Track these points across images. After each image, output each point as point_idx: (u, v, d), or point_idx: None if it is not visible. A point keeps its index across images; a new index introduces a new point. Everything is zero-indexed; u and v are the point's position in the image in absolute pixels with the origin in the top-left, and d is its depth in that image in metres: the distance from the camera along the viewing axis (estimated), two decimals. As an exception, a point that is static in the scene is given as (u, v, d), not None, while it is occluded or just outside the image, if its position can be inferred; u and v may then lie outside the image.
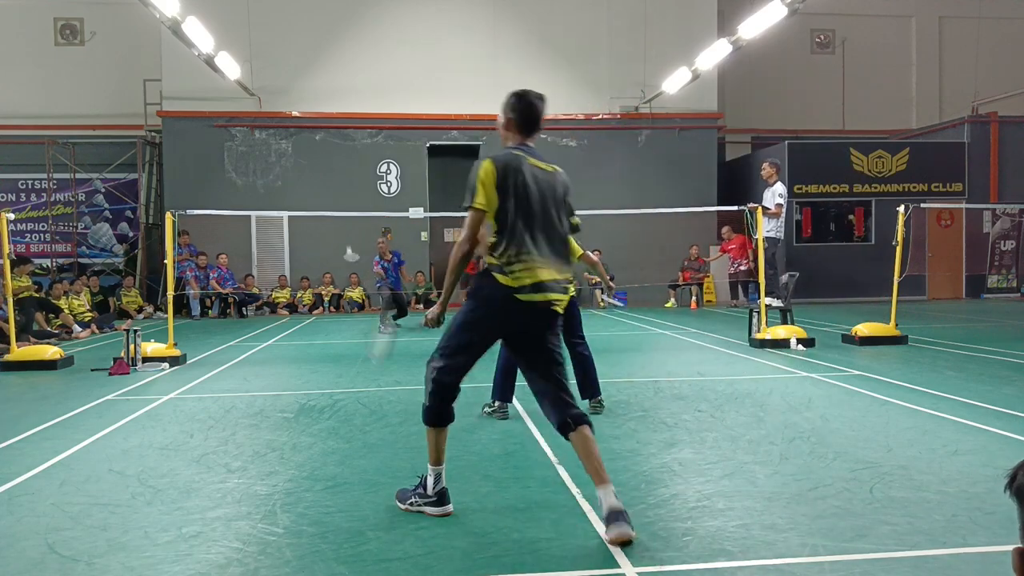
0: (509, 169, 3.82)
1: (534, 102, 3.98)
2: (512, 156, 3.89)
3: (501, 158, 3.87)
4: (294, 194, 18.80)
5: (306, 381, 8.34)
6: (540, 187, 3.90)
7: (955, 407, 6.34)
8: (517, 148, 3.96)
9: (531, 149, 3.99)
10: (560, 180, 4.03)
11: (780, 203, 10.81)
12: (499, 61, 19.50)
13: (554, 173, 4.02)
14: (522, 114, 3.99)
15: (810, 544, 3.44)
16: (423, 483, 3.99)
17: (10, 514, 4.03)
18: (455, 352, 3.86)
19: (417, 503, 3.98)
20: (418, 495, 3.99)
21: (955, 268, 20.60)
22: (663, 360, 9.58)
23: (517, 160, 3.87)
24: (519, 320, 3.82)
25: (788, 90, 22.78)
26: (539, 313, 3.81)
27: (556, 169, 4.05)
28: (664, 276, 19.26)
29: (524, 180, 3.84)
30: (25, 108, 20.16)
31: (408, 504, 4.00)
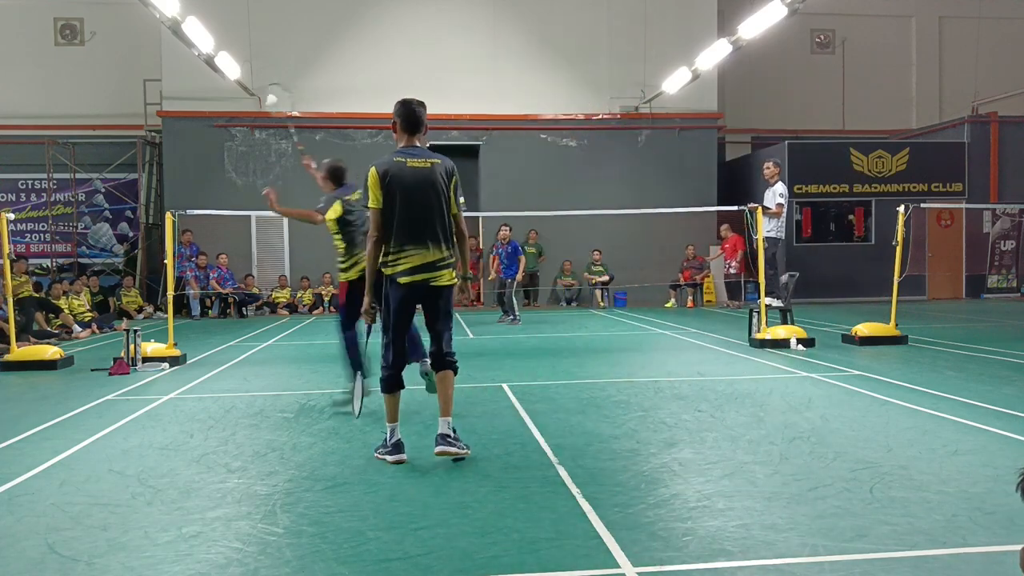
0: (389, 173, 4.79)
1: (415, 108, 4.93)
2: (392, 162, 4.83)
3: (382, 164, 4.84)
4: (294, 194, 18.75)
5: (306, 381, 8.35)
6: (418, 183, 4.81)
7: (955, 407, 6.34)
8: (399, 153, 4.89)
9: (413, 150, 4.90)
10: (439, 171, 4.89)
11: (781, 203, 10.81)
12: (499, 61, 19.50)
13: (431, 167, 4.88)
14: (405, 119, 4.92)
15: (810, 544, 3.44)
16: (385, 439, 5.01)
17: (10, 514, 4.03)
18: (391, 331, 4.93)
19: (381, 453, 4.97)
20: (382, 446, 5.00)
21: (955, 268, 20.60)
22: (663, 360, 9.58)
23: (396, 165, 4.81)
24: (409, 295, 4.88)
25: (788, 90, 22.77)
26: (418, 289, 4.87)
27: (434, 163, 4.89)
28: (664, 276, 19.26)
29: (403, 181, 4.78)
30: (25, 108, 20.15)
31: (377, 455, 4.99)
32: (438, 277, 4.89)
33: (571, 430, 5.74)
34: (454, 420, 5.12)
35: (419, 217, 4.82)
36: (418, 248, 4.82)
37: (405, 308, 4.94)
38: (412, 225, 4.81)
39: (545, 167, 19.58)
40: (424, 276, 4.85)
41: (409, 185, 4.80)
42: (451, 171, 4.97)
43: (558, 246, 19.54)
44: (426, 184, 4.84)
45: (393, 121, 4.99)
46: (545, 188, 19.13)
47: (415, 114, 4.93)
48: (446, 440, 4.89)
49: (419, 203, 4.81)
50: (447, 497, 4.19)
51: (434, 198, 4.85)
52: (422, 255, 4.83)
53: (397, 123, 4.96)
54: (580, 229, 19.09)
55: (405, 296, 4.88)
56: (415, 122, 4.93)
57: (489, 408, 6.62)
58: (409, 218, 4.80)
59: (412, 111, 4.92)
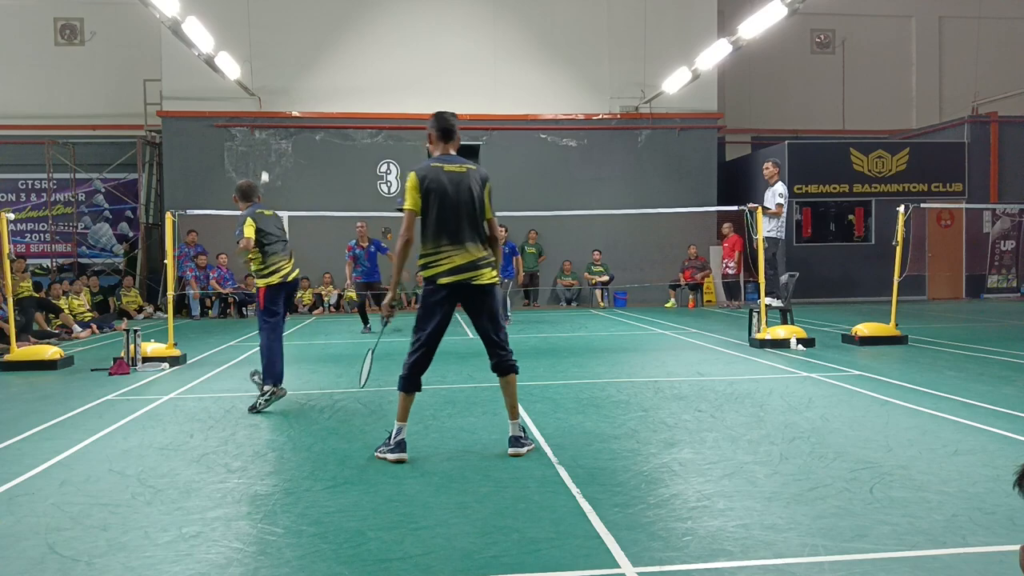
0: (428, 178, 5.00)
1: (448, 118, 5.28)
2: (430, 167, 5.05)
3: (422, 169, 5.05)
4: (294, 194, 18.78)
5: (306, 381, 8.34)
6: (456, 187, 5.03)
7: (955, 407, 6.34)
8: (437, 159, 5.13)
9: (449, 157, 5.17)
10: (473, 176, 5.13)
11: (780, 203, 10.81)
12: (499, 61, 19.51)
13: (466, 172, 5.12)
14: (440, 129, 5.22)
15: (810, 544, 3.44)
16: (388, 437, 5.05)
17: (10, 514, 4.03)
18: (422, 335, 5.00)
19: (382, 452, 5.01)
20: (384, 444, 5.05)
21: (955, 268, 20.60)
22: (663, 360, 9.58)
23: (434, 170, 5.04)
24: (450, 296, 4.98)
25: (788, 90, 22.77)
26: (460, 290, 4.98)
27: (469, 168, 5.15)
28: (664, 276, 19.26)
29: (442, 184, 5.00)
30: (25, 108, 20.15)
31: (377, 454, 5.03)
32: (479, 276, 5.02)
33: (571, 430, 5.74)
34: (456, 419, 5.13)
35: (455, 218, 5.00)
36: (457, 248, 4.98)
37: (443, 310, 4.99)
38: (449, 226, 4.98)
39: (545, 167, 19.58)
40: (466, 276, 4.98)
41: (446, 189, 5.00)
42: (485, 178, 5.24)
43: (558, 246, 19.54)
44: (462, 188, 5.05)
45: (428, 133, 5.28)
46: (545, 188, 19.14)
47: (449, 124, 5.26)
48: (518, 442, 5.07)
49: (455, 206, 5.00)
50: (447, 497, 4.19)
51: (469, 201, 5.05)
52: (462, 255, 4.99)
53: (432, 134, 5.25)
54: (580, 229, 19.09)
55: (445, 297, 4.97)
56: (449, 131, 5.25)
57: (489, 408, 6.61)
58: (446, 219, 4.98)
59: (446, 121, 5.25)
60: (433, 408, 6.62)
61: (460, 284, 4.96)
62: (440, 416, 6.31)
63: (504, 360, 5.09)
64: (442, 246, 4.97)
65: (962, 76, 22.14)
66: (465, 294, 5.01)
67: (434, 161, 5.13)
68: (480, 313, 5.08)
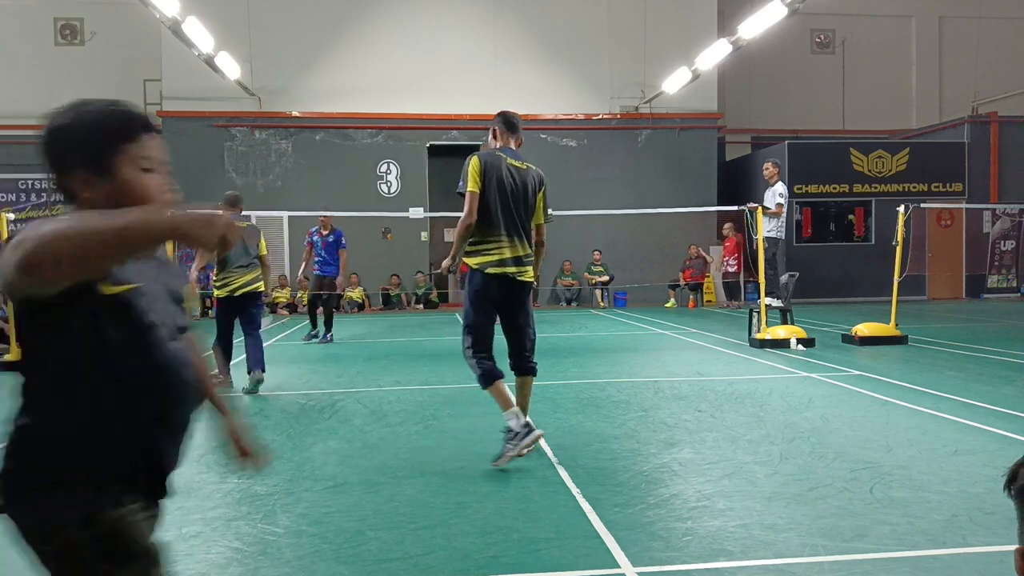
0: (490, 164, 4.97)
1: (513, 115, 5.34)
2: (493, 155, 5.04)
3: (484, 156, 5.02)
4: (294, 194, 18.79)
5: (306, 381, 8.34)
6: (514, 181, 5.00)
7: (955, 407, 6.33)
8: (500, 150, 5.12)
9: (511, 151, 5.16)
10: (532, 175, 5.15)
11: (780, 203, 10.81)
12: (499, 61, 19.50)
13: (527, 169, 5.14)
14: (505, 123, 5.25)
15: (810, 544, 3.44)
16: (509, 430, 4.77)
17: (10, 514, 4.03)
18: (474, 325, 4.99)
19: (513, 448, 4.71)
20: (511, 442, 4.74)
21: (955, 268, 20.59)
22: (663, 360, 9.58)
23: (497, 159, 5.02)
24: (495, 287, 4.93)
25: (788, 90, 22.76)
26: (505, 282, 4.93)
27: (529, 167, 5.16)
28: (664, 276, 19.26)
29: (501, 174, 4.97)
30: (25, 108, 20.12)
31: (509, 455, 4.72)
32: (524, 272, 5.01)
33: (571, 430, 5.74)
34: (456, 419, 5.13)
35: (511, 211, 4.98)
36: (510, 240, 4.95)
37: (489, 301, 4.97)
38: (503, 217, 4.95)
39: (545, 167, 19.12)
40: (513, 269, 4.95)
41: (505, 180, 4.98)
42: (543, 180, 5.22)
43: (558, 246, 19.50)
44: (520, 183, 5.05)
45: (492, 129, 5.28)
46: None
47: (514, 119, 5.30)
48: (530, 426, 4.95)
49: (512, 199, 4.98)
50: (447, 497, 4.19)
51: (525, 198, 5.06)
52: (512, 247, 4.95)
53: (497, 128, 5.25)
54: (580, 229, 19.08)
55: (491, 288, 4.93)
56: (513, 125, 5.26)
57: (489, 408, 6.59)
58: (501, 210, 4.94)
59: (511, 116, 5.31)
60: (433, 408, 6.63)
61: (506, 277, 4.92)
62: (440, 416, 6.31)
63: (527, 361, 5.08)
64: (496, 236, 4.92)
65: (962, 76, 22.14)
66: (507, 288, 4.96)
67: (499, 151, 5.11)
68: (517, 311, 5.04)
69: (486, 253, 4.92)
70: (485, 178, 4.92)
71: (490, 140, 5.28)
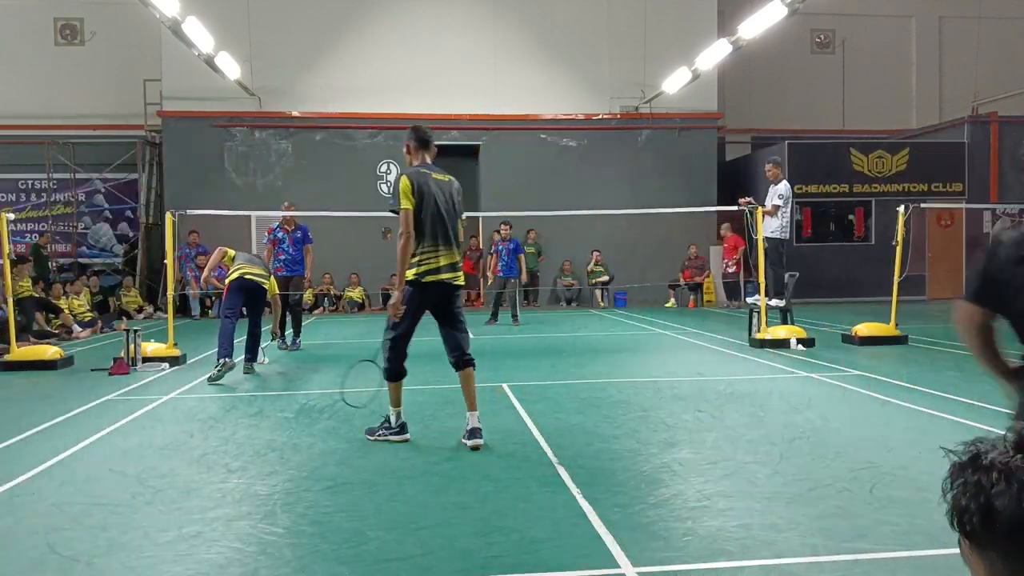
0: (419, 182, 5.36)
1: (426, 130, 5.70)
2: (419, 173, 5.45)
3: (412, 174, 5.42)
4: (294, 194, 18.75)
5: (306, 381, 8.35)
6: (442, 194, 5.45)
7: (955, 407, 6.34)
8: (423, 166, 5.52)
9: (431, 166, 5.57)
10: (454, 186, 5.62)
11: (777, 203, 10.79)
12: (499, 61, 19.49)
13: (449, 181, 5.60)
14: (418, 140, 5.60)
15: (810, 544, 3.44)
16: (387, 420, 5.51)
17: (10, 514, 4.03)
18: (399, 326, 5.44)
19: (384, 434, 5.46)
20: (384, 428, 5.49)
21: (955, 268, 20.58)
22: (663, 360, 9.58)
23: (423, 176, 5.43)
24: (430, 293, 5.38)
25: (788, 90, 22.75)
26: (441, 288, 5.40)
27: (451, 179, 5.63)
28: (664, 276, 19.25)
29: (431, 190, 5.38)
30: (25, 108, 20.14)
31: (376, 436, 5.48)
32: (457, 277, 5.52)
33: (571, 430, 5.74)
34: (456, 419, 5.15)
35: (442, 223, 5.42)
36: (444, 249, 5.42)
37: (421, 309, 5.44)
38: (436, 229, 5.38)
39: (545, 167, 19.57)
40: (448, 276, 5.43)
41: (435, 194, 5.42)
42: (460, 189, 5.73)
43: (558, 246, 19.54)
44: (448, 196, 5.53)
45: (406, 143, 5.64)
46: (545, 188, 19.12)
47: (426, 134, 5.67)
48: (478, 434, 5.34)
49: (444, 211, 5.44)
50: (447, 497, 4.19)
51: (453, 208, 5.55)
52: (447, 256, 5.44)
53: (411, 144, 5.61)
54: (580, 229, 19.08)
55: (427, 296, 5.38)
56: (427, 141, 5.64)
57: (489, 408, 6.61)
58: (434, 223, 5.37)
59: (425, 133, 5.67)
60: (433, 408, 6.63)
61: (441, 283, 5.39)
62: (440, 416, 6.31)
63: (464, 356, 5.48)
64: (428, 247, 5.35)
65: (962, 76, 22.11)
66: (441, 293, 5.42)
67: (422, 167, 5.53)
68: (451, 313, 5.50)
69: (422, 264, 5.34)
70: (417, 195, 5.32)
71: (406, 156, 5.67)
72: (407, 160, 5.67)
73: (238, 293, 8.78)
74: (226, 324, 8.48)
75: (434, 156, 5.69)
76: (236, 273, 8.80)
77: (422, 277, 5.35)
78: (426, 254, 5.36)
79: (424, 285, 5.35)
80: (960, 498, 1.08)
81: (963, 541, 1.09)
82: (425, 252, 5.36)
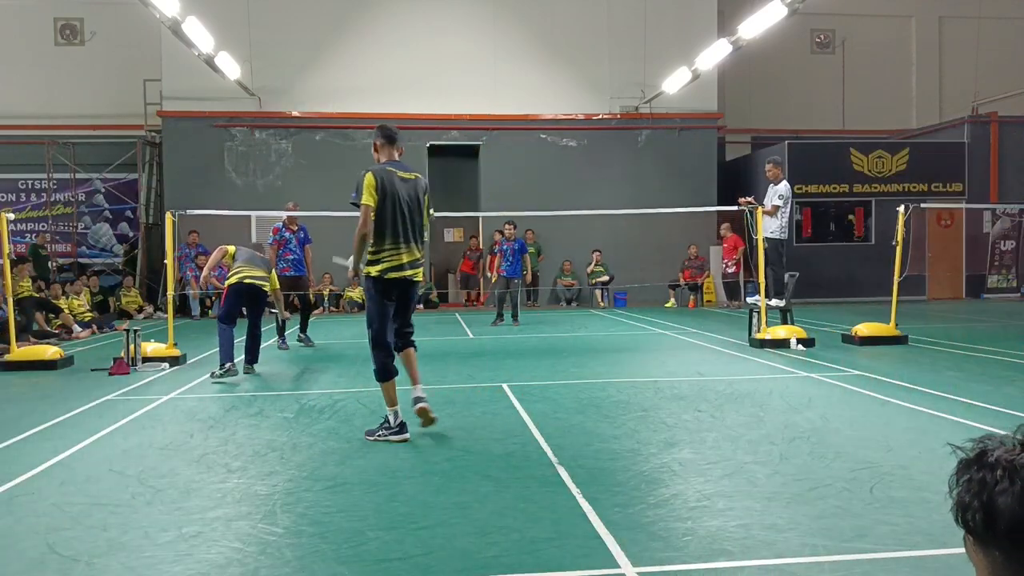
0: (384, 179, 5.53)
1: (392, 128, 5.90)
2: (384, 170, 5.59)
3: (377, 171, 5.57)
4: (294, 194, 18.74)
5: (306, 381, 8.35)
6: (407, 193, 5.62)
7: (955, 407, 6.33)
8: (388, 164, 5.68)
9: (398, 164, 5.74)
10: (420, 184, 5.76)
11: (776, 203, 10.79)
12: (499, 61, 19.49)
13: (415, 179, 5.73)
14: (385, 137, 5.79)
15: (810, 544, 3.44)
16: (386, 420, 5.55)
17: (10, 514, 4.03)
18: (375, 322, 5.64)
19: (383, 435, 5.49)
20: (384, 429, 5.52)
21: (955, 268, 20.58)
22: (663, 360, 9.58)
23: (388, 174, 5.58)
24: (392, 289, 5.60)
25: (788, 90, 22.75)
26: (400, 284, 5.62)
27: (417, 176, 5.77)
28: (664, 276, 19.25)
29: (395, 188, 5.55)
30: (25, 108, 20.14)
31: (376, 437, 5.51)
32: (417, 273, 5.74)
33: (571, 430, 5.74)
34: (456, 419, 5.13)
35: (404, 221, 5.60)
36: (406, 247, 5.61)
37: (388, 301, 5.66)
38: (399, 227, 5.57)
39: (545, 167, 19.57)
40: (409, 272, 5.65)
41: (399, 192, 5.59)
42: (427, 187, 5.87)
43: (558, 246, 19.53)
44: (413, 195, 5.68)
45: (374, 141, 5.86)
46: (545, 188, 19.12)
47: (392, 132, 5.88)
48: (421, 400, 5.67)
49: (407, 209, 5.61)
50: (447, 497, 4.19)
51: (418, 207, 5.71)
52: (408, 253, 5.63)
53: (378, 142, 5.83)
54: (580, 229, 19.08)
55: (390, 291, 5.62)
56: (393, 138, 5.83)
57: (489, 408, 6.62)
58: (397, 221, 5.56)
59: (391, 130, 5.89)
60: (433, 408, 6.62)
61: (403, 280, 5.62)
62: (440, 416, 6.31)
63: (408, 338, 5.83)
64: (391, 245, 5.55)
65: (962, 76, 22.12)
66: (404, 288, 5.68)
67: (387, 165, 5.67)
68: (407, 305, 5.79)
69: (385, 260, 5.55)
70: (380, 192, 5.50)
71: (374, 154, 5.84)
72: (375, 158, 5.84)
73: (237, 297, 8.81)
74: (225, 331, 8.51)
75: (402, 153, 5.89)
76: (235, 277, 8.83)
77: (385, 274, 5.55)
78: (388, 251, 5.55)
79: (387, 282, 5.57)
80: (964, 495, 1.09)
81: (967, 538, 1.09)
82: (387, 250, 5.55)
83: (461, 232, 20.71)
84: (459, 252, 20.04)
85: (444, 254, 20.61)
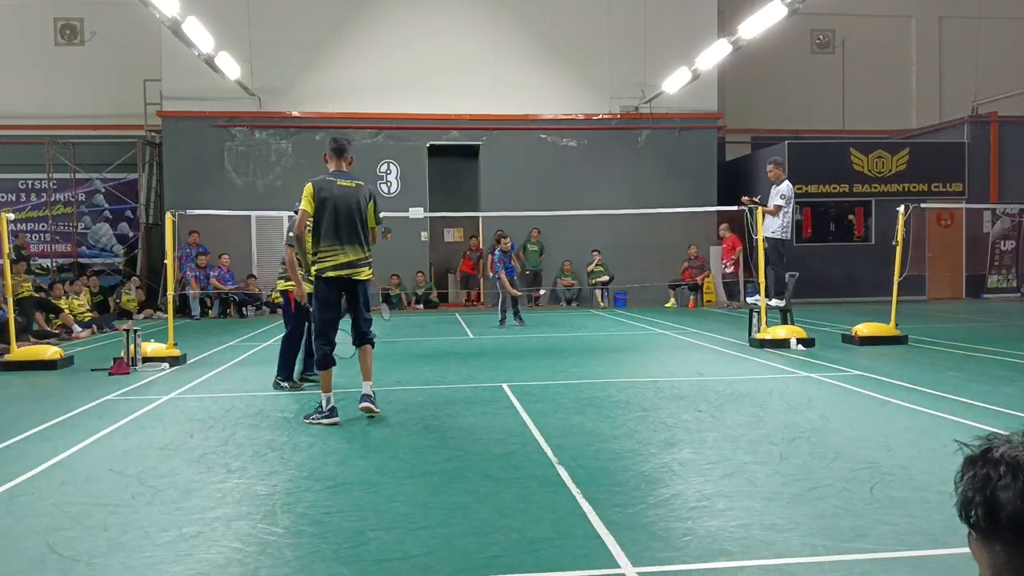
0: (322, 188, 6.17)
1: (342, 140, 6.54)
2: (324, 180, 6.23)
3: (316, 181, 6.22)
4: (294, 194, 18.68)
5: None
6: (346, 199, 6.18)
7: (955, 407, 6.33)
8: (331, 175, 6.29)
9: (342, 173, 6.34)
10: (361, 192, 6.30)
11: (778, 203, 10.79)
12: (499, 61, 19.49)
13: (356, 187, 6.28)
14: (334, 150, 6.41)
15: (810, 544, 3.44)
16: (320, 406, 6.10)
17: (10, 514, 4.03)
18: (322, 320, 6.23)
19: (316, 419, 6.02)
20: (318, 413, 6.07)
21: (955, 268, 20.58)
22: (663, 360, 9.58)
23: (328, 183, 6.21)
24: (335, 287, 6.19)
25: (788, 90, 22.74)
26: (343, 282, 6.20)
27: (359, 184, 6.33)
28: (664, 276, 19.24)
29: (333, 195, 6.14)
30: (25, 108, 20.14)
31: (311, 420, 6.04)
32: (359, 272, 6.24)
33: (571, 430, 5.74)
34: (456, 419, 5.11)
35: (341, 224, 6.13)
36: (341, 249, 6.14)
37: (333, 299, 6.23)
38: (336, 230, 6.12)
39: (545, 167, 19.56)
40: (349, 271, 6.18)
41: (337, 199, 6.16)
42: (371, 194, 6.43)
43: (558, 246, 19.53)
44: (351, 199, 6.21)
45: (324, 153, 6.51)
46: (545, 188, 19.12)
47: (341, 144, 6.47)
48: (369, 399, 6.18)
49: (345, 214, 6.15)
50: (447, 497, 4.19)
51: (358, 211, 6.22)
52: (346, 254, 6.15)
53: (327, 153, 6.45)
54: (580, 229, 19.08)
55: (332, 289, 6.18)
56: (342, 150, 6.41)
57: (489, 408, 6.61)
58: (334, 224, 6.12)
59: (340, 143, 6.48)
60: (433, 408, 6.62)
61: (343, 278, 6.15)
62: (440, 416, 6.31)
63: (365, 335, 6.32)
64: (331, 246, 6.12)
65: (962, 76, 22.12)
66: (347, 285, 6.21)
67: (329, 175, 6.28)
68: (356, 301, 6.27)
69: (325, 260, 6.13)
70: (318, 199, 6.11)
71: (325, 164, 6.44)
72: (327, 167, 6.43)
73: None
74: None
75: (350, 163, 6.43)
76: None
77: (323, 272, 6.14)
78: (325, 252, 6.13)
79: (326, 279, 6.14)
80: (967, 490, 1.10)
81: (970, 534, 1.10)
82: (324, 251, 6.13)
83: (461, 232, 20.70)
84: (459, 252, 20.04)
85: (444, 254, 20.60)
